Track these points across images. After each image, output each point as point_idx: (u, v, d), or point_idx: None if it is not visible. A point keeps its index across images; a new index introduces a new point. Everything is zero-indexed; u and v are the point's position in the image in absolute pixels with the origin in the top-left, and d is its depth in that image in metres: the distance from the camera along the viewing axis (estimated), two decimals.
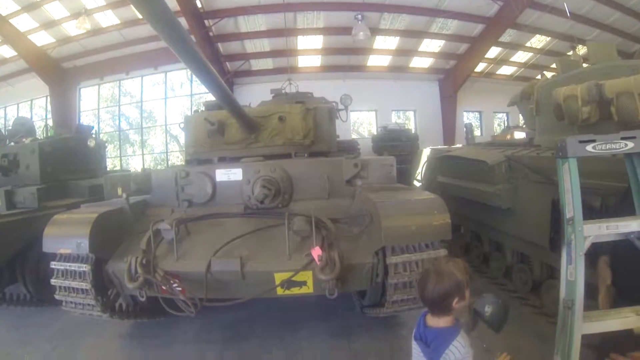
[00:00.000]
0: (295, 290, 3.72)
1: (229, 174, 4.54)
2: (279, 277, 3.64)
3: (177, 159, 19.81)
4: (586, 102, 4.32)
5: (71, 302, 3.90)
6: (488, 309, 2.27)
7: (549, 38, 17.72)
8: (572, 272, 2.15)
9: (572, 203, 2.24)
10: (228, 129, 5.11)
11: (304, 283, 3.69)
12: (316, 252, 3.51)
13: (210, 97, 4.62)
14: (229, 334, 4.61)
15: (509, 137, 12.63)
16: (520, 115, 7.16)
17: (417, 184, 8.24)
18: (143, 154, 20.78)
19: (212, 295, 3.69)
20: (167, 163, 19.70)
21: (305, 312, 5.04)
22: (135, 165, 19.87)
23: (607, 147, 2.28)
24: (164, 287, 3.67)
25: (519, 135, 10.28)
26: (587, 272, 3.82)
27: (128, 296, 4.36)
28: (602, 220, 2.26)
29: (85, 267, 3.69)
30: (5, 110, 20.01)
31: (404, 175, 8.94)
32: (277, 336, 4.53)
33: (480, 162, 5.32)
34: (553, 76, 6.03)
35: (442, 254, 3.56)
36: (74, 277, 3.75)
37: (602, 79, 4.28)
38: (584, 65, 5.66)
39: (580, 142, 2.27)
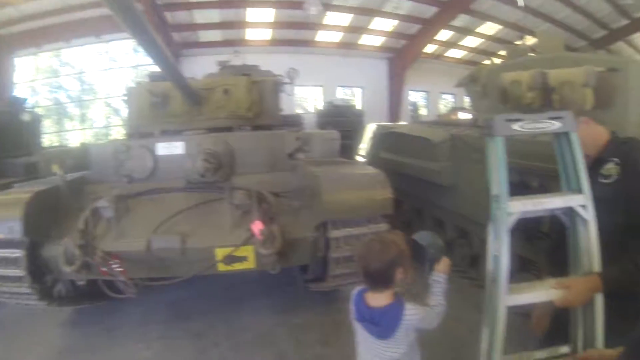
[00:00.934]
0: (237, 266, 3.68)
1: (170, 148, 4.41)
2: (220, 253, 3.58)
3: (118, 133, 19.01)
4: (530, 88, 4.47)
5: (5, 292, 3.67)
6: (432, 241, 2.43)
7: (500, 26, 18.20)
8: (497, 248, 2.15)
9: (498, 180, 2.24)
10: (171, 102, 4.95)
11: (245, 258, 3.65)
12: (257, 226, 3.46)
13: (156, 69, 4.44)
14: (173, 314, 4.53)
15: (454, 117, 12.90)
16: (466, 97, 7.34)
17: (360, 159, 8.29)
18: (83, 129, 19.86)
19: (153, 274, 3.61)
20: (109, 138, 18.89)
21: (248, 288, 5.02)
22: (74, 140, 18.93)
23: (534, 126, 2.26)
24: (103, 269, 3.49)
25: (464, 116, 10.51)
26: (517, 245, 3.95)
27: (67, 281, 4.10)
28: (526, 197, 2.28)
29: (19, 253, 3.46)
30: None
31: (348, 151, 8.99)
32: (220, 313, 4.49)
33: (424, 140, 5.40)
34: (501, 61, 6.19)
35: (384, 229, 3.61)
36: (7, 264, 3.50)
37: (547, 68, 4.44)
38: (531, 54, 5.83)
39: (507, 120, 2.24)
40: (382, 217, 3.78)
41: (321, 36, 17.75)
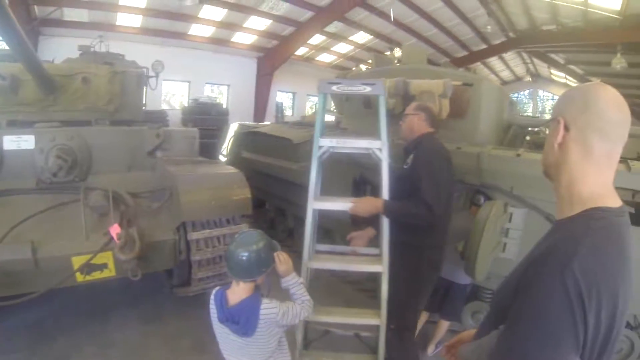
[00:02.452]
0: (97, 275, 3.45)
1: (19, 142, 3.94)
2: (77, 261, 3.31)
3: None
4: (392, 95, 4.80)
5: None
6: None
7: (372, 37, 19.31)
8: (311, 170, 3.11)
9: (317, 125, 3.17)
10: (22, 87, 4.35)
11: (105, 266, 3.44)
12: (114, 229, 3.29)
13: (5, 46, 3.90)
14: (33, 337, 3.97)
15: None
16: (331, 100, 7.62)
17: (223, 158, 8.22)
18: None
19: (2, 292, 3.17)
20: None
21: (115, 298, 4.69)
22: None
23: (349, 89, 3.13)
24: None
25: (329, 118, 10.92)
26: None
27: None
28: (335, 136, 3.32)
29: None
30: None
31: (212, 150, 8.88)
32: (86, 330, 4.10)
33: (285, 140, 5.55)
34: (367, 69, 6.54)
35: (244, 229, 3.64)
36: None
37: (409, 77, 4.81)
38: (397, 64, 6.24)
39: (329, 83, 3.12)
40: (241, 217, 3.85)
41: (194, 29, 17.11)
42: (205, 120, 13.64)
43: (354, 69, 14.73)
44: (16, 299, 3.18)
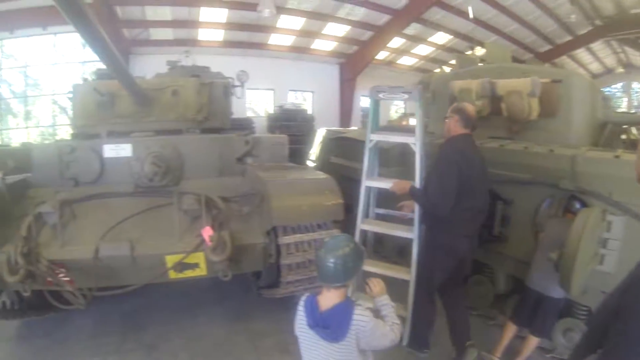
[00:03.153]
0: (189, 273, 3.61)
1: (117, 150, 4.25)
2: (170, 260, 3.50)
3: (66, 133, 17.94)
4: (479, 96, 4.67)
5: None
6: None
7: (451, 36, 18.90)
8: (365, 158, 4.08)
9: (370, 124, 4.03)
10: (119, 101, 4.76)
11: (196, 265, 3.59)
12: (207, 232, 3.42)
13: (103, 65, 4.26)
14: (127, 325, 4.34)
15: (404, 122, 13.07)
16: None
17: (310, 164, 8.29)
18: (27, 127, 18.68)
19: (102, 283, 3.45)
20: (55, 137, 17.83)
21: (203, 295, 4.93)
22: (18, 139, 17.75)
23: (391, 96, 3.87)
24: (49, 279, 3.30)
25: (414, 122, 10.76)
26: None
27: (12, 292, 3.84)
28: (380, 132, 4.13)
29: None
30: None
31: (298, 155, 8.98)
32: (175, 323, 4.37)
33: None
34: (451, 70, 6.37)
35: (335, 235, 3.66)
36: None
37: (495, 77, 4.63)
38: (480, 64, 6.04)
39: (377, 91, 3.86)
40: (332, 222, 3.84)
41: (273, 39, 17.62)
42: (290, 126, 13.88)
43: (436, 70, 14.40)
44: (114, 290, 3.45)
